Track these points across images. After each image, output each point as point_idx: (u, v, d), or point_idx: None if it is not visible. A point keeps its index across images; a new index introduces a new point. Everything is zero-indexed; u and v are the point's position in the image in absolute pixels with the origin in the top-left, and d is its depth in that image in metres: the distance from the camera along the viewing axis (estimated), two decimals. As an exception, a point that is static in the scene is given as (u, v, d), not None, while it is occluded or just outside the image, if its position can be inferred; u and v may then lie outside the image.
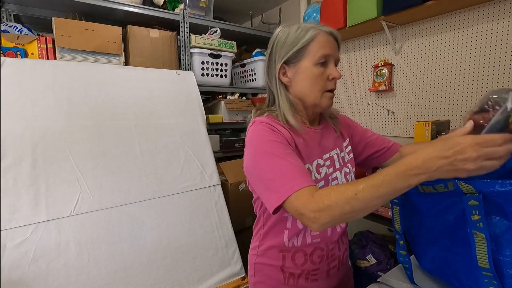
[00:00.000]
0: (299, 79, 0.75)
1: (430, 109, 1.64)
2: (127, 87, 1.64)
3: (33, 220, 1.20)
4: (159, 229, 1.44)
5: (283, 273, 0.77)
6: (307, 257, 0.76)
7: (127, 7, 1.78)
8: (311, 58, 0.73)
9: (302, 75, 0.74)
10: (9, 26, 1.60)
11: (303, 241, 0.76)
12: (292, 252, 0.76)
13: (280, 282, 0.78)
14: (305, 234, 0.76)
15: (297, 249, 0.76)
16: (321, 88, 0.74)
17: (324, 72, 0.73)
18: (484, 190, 0.55)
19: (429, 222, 0.73)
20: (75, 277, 1.20)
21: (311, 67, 0.73)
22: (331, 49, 0.73)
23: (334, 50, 0.74)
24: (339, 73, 0.74)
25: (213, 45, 2.05)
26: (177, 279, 1.41)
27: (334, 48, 0.74)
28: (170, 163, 1.60)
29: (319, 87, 0.74)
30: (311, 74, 0.73)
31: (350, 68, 2.05)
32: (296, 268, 0.77)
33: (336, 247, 0.80)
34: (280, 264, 0.77)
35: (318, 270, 0.78)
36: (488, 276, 0.57)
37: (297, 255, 0.77)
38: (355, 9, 1.71)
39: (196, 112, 1.83)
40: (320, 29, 0.73)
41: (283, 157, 0.65)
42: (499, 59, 1.36)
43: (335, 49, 0.75)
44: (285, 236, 0.77)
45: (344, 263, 0.85)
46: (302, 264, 0.77)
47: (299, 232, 0.76)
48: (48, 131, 1.35)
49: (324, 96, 0.75)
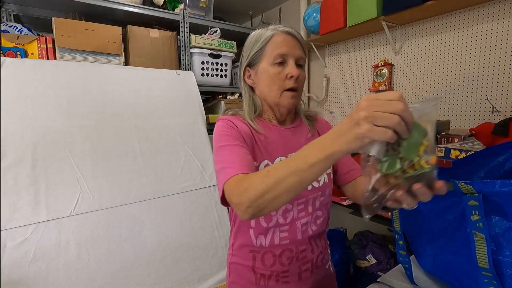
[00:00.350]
0: (260, 80, 0.76)
1: (430, 109, 1.64)
2: (127, 87, 1.64)
3: (33, 220, 1.21)
4: (159, 229, 1.44)
5: (254, 274, 0.76)
6: (276, 258, 0.75)
7: (127, 7, 1.78)
8: (268, 59, 0.74)
9: (261, 76, 0.76)
10: (9, 26, 1.60)
11: (271, 241, 0.75)
12: (262, 253, 0.76)
13: (252, 283, 0.77)
14: (273, 235, 0.74)
15: (266, 249, 0.75)
16: (278, 87, 0.73)
17: (282, 72, 0.73)
18: (484, 190, 0.55)
19: (428, 222, 0.73)
20: (75, 277, 1.21)
21: (268, 67, 0.73)
22: (288, 48, 0.73)
23: (293, 49, 0.73)
24: (297, 71, 0.72)
25: (213, 45, 2.05)
26: (177, 279, 1.41)
27: (293, 46, 0.73)
28: (170, 163, 1.60)
29: (276, 86, 0.73)
30: (268, 74, 0.74)
31: (350, 68, 2.05)
32: (266, 269, 0.76)
33: (308, 249, 0.78)
34: (251, 264, 0.77)
35: (288, 272, 0.76)
36: (488, 276, 0.57)
37: (266, 256, 0.75)
38: (355, 9, 1.71)
39: (196, 112, 1.83)
40: (277, 29, 0.74)
41: (230, 148, 0.67)
42: (499, 59, 1.36)
43: (294, 47, 0.73)
44: (251, 235, 0.76)
45: (319, 266, 0.81)
46: (271, 265, 0.75)
47: (266, 232, 0.74)
48: (48, 131, 1.35)
49: (284, 95, 0.74)
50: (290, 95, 0.74)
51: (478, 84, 1.44)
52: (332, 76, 2.18)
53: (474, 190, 0.56)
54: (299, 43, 0.75)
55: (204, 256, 1.51)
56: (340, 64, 2.12)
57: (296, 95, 0.75)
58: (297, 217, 0.75)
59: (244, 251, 0.78)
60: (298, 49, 0.74)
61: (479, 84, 1.44)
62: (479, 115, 1.44)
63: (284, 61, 0.73)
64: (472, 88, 1.46)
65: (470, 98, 1.47)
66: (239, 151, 0.66)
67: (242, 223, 0.77)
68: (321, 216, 0.79)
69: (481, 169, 0.78)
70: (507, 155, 0.73)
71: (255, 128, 0.76)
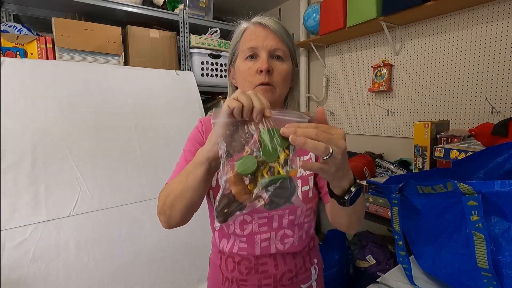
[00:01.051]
0: (237, 78, 0.72)
1: (429, 110, 1.64)
2: (127, 87, 1.64)
3: (32, 220, 1.20)
4: (159, 229, 1.44)
5: (221, 274, 0.76)
6: (235, 265, 0.73)
7: (127, 7, 1.78)
8: (241, 55, 0.69)
9: (237, 74, 0.71)
10: (8, 26, 1.60)
11: (230, 248, 0.73)
12: (226, 256, 0.75)
13: (219, 282, 0.77)
14: (234, 243, 0.72)
15: (227, 254, 0.74)
16: (249, 83, 0.67)
17: (252, 67, 0.66)
18: (484, 190, 0.55)
19: (428, 223, 0.73)
20: (75, 277, 1.20)
21: (241, 64, 0.69)
22: (258, 40, 0.66)
23: (264, 40, 0.66)
24: (266, 64, 0.64)
25: (213, 45, 2.06)
26: (177, 279, 1.41)
27: (265, 37, 0.66)
28: (170, 163, 1.59)
29: (247, 83, 0.67)
30: (240, 71, 0.69)
31: (350, 69, 2.05)
32: (228, 273, 0.74)
33: (270, 264, 0.72)
34: (219, 264, 0.77)
35: (247, 282, 0.73)
36: (488, 277, 0.57)
37: (228, 260, 0.74)
38: (354, 10, 1.71)
39: (196, 112, 1.83)
40: (250, 22, 0.70)
41: (184, 154, 0.70)
42: (498, 59, 1.36)
43: (266, 38, 0.66)
44: (216, 237, 0.76)
45: (286, 285, 0.73)
46: (232, 271, 0.74)
47: (228, 238, 0.73)
48: (48, 131, 1.35)
49: (256, 91, 0.66)
50: (261, 90, 0.66)
51: (478, 85, 1.44)
52: (331, 77, 2.18)
53: (474, 190, 0.56)
54: (273, 33, 0.67)
55: (204, 256, 1.50)
56: (339, 65, 2.12)
57: (270, 89, 0.66)
58: (257, 231, 0.69)
59: (215, 249, 0.79)
60: (271, 39, 0.66)
61: (478, 85, 1.44)
62: (479, 116, 1.44)
63: (256, 55, 0.67)
64: (472, 88, 1.46)
65: (470, 99, 1.47)
66: (189, 158, 0.66)
67: (211, 222, 0.78)
68: (291, 236, 0.71)
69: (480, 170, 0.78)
70: (506, 155, 0.73)
71: None
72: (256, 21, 0.68)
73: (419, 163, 1.37)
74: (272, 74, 0.66)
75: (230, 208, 0.45)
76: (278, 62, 0.67)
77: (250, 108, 0.45)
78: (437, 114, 1.60)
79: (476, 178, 0.78)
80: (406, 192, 0.78)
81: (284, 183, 0.42)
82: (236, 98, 0.46)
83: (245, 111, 0.45)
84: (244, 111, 0.45)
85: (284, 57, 0.68)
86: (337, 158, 0.42)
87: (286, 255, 0.74)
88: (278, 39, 0.67)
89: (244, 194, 0.43)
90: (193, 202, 0.57)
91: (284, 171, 0.42)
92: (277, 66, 0.67)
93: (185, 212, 0.58)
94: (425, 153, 1.35)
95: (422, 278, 0.78)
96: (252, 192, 0.43)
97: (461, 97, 1.50)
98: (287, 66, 0.69)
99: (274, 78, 0.66)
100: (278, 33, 0.67)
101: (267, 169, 0.43)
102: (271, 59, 0.66)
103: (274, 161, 0.42)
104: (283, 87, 0.69)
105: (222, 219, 0.46)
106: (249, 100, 0.45)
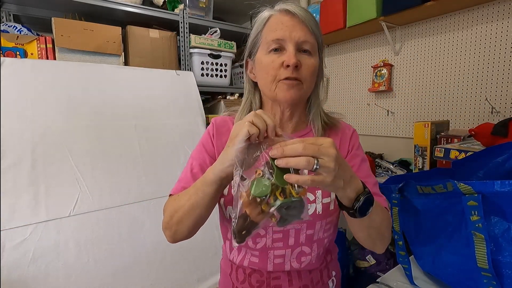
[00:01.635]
0: (257, 72, 0.65)
1: (429, 110, 1.64)
2: (126, 87, 1.64)
3: (32, 220, 1.20)
4: (159, 229, 1.43)
5: (232, 284, 0.72)
6: (246, 276, 0.69)
7: (127, 7, 1.78)
8: (263, 46, 0.62)
9: (257, 67, 0.64)
10: (8, 26, 1.60)
11: (241, 261, 0.69)
12: (236, 266, 0.71)
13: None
14: (245, 256, 0.68)
15: (238, 265, 0.70)
16: (272, 78, 0.60)
17: (277, 60, 0.59)
18: (483, 190, 0.55)
19: (428, 223, 0.73)
20: (75, 277, 1.20)
21: (263, 57, 0.61)
22: (285, 31, 0.58)
23: (291, 31, 0.58)
24: (294, 58, 0.57)
25: (213, 45, 2.05)
26: (176, 279, 1.41)
27: (292, 28, 0.59)
28: (170, 163, 1.60)
29: (270, 77, 0.60)
30: (262, 64, 0.61)
31: (350, 69, 2.05)
32: (238, 283, 0.70)
33: (283, 279, 0.67)
34: (229, 272, 0.73)
35: None
36: (487, 277, 0.57)
37: (239, 271, 0.70)
38: (354, 10, 1.71)
39: (196, 112, 1.83)
40: (275, 9, 0.62)
41: (191, 160, 0.67)
42: (498, 59, 1.36)
43: (293, 29, 0.58)
44: (227, 246, 0.73)
45: None
46: (242, 282, 0.69)
47: (240, 249, 0.69)
48: (48, 131, 1.35)
49: (278, 87, 0.60)
50: (285, 85, 0.59)
51: (478, 85, 1.44)
52: (332, 77, 2.18)
53: (474, 190, 0.56)
54: (302, 23, 0.59)
55: (204, 256, 1.51)
56: (339, 65, 2.12)
57: (296, 84, 0.59)
58: (271, 246, 0.64)
59: (225, 257, 0.76)
60: (299, 30, 0.59)
61: (478, 85, 1.44)
62: (479, 116, 1.44)
63: (281, 47, 0.59)
64: (472, 88, 1.46)
65: (470, 99, 1.47)
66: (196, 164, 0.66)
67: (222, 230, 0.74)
68: (308, 254, 0.65)
69: (480, 170, 0.78)
70: (506, 155, 0.73)
71: None
72: (282, 8, 0.60)
73: (419, 163, 1.37)
74: (300, 69, 0.59)
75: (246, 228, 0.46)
76: (306, 55, 0.60)
77: (264, 131, 0.47)
78: (437, 114, 1.60)
79: (476, 178, 0.78)
80: (406, 192, 0.78)
81: (296, 203, 0.44)
82: (252, 121, 0.46)
83: (261, 134, 0.47)
84: (260, 135, 0.47)
85: (312, 51, 0.61)
86: (329, 167, 0.41)
87: (302, 271, 0.68)
88: (307, 30, 0.59)
89: (259, 215, 0.45)
90: (202, 217, 0.57)
91: (296, 191, 0.44)
92: (305, 61, 0.60)
93: (193, 227, 0.58)
94: (425, 153, 1.35)
95: (422, 278, 0.78)
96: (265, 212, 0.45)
97: (461, 97, 1.50)
98: (315, 61, 0.62)
99: (302, 73, 0.60)
100: (308, 23, 0.59)
101: (280, 190, 0.44)
102: (298, 52, 0.59)
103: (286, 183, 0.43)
104: (310, 83, 0.63)
105: (240, 240, 0.47)
106: (263, 123, 0.47)
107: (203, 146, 0.69)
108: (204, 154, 0.67)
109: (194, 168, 0.66)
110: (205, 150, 0.68)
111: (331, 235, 0.69)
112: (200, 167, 0.65)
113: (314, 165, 0.41)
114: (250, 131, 0.45)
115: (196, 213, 0.55)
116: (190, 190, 0.56)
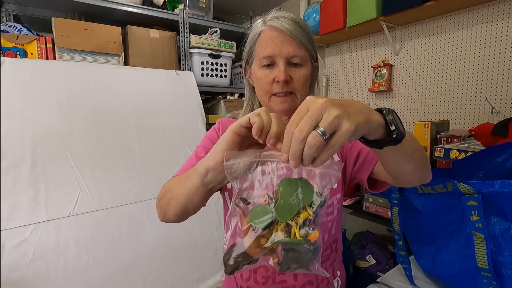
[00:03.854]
0: (254, 82, 0.70)
1: (429, 110, 1.64)
2: (126, 87, 1.64)
3: (32, 220, 1.20)
4: (159, 229, 1.44)
5: (236, 283, 0.72)
6: (251, 273, 0.69)
7: (127, 7, 1.78)
8: (257, 61, 0.66)
9: (254, 79, 0.69)
10: (8, 26, 1.60)
11: None
12: None
13: None
14: None
15: None
16: (265, 92, 0.65)
17: (269, 75, 0.63)
18: (483, 190, 0.55)
19: (428, 223, 0.73)
20: (75, 277, 1.20)
21: (257, 70, 0.66)
22: (275, 47, 0.62)
23: (282, 47, 0.61)
24: (284, 74, 0.61)
25: (212, 45, 2.05)
26: (176, 279, 1.41)
27: (281, 44, 0.62)
28: (170, 163, 1.60)
29: (263, 91, 0.65)
30: (256, 77, 0.66)
31: (350, 69, 2.05)
32: (242, 281, 0.70)
33: (289, 275, 0.68)
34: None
35: None
36: (487, 277, 0.57)
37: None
38: (354, 10, 1.71)
39: (196, 112, 1.83)
40: (266, 24, 0.64)
41: (196, 150, 0.68)
42: (498, 59, 1.36)
43: (283, 45, 0.61)
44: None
45: None
46: (247, 280, 0.70)
47: None
48: (48, 131, 1.35)
49: (272, 100, 0.65)
50: (278, 101, 0.64)
51: (478, 85, 1.44)
52: (331, 77, 2.18)
53: (474, 190, 0.56)
54: (290, 38, 0.62)
55: (204, 256, 1.51)
56: (339, 65, 2.12)
57: (288, 99, 0.64)
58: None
59: None
60: (288, 45, 0.62)
61: (478, 85, 1.44)
62: (479, 116, 1.44)
63: (273, 62, 0.63)
64: (472, 88, 1.46)
65: (470, 99, 1.47)
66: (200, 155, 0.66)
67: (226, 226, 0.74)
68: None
69: (480, 170, 0.78)
70: (506, 155, 0.73)
71: None
72: (271, 25, 0.63)
73: (419, 163, 1.37)
74: (291, 83, 0.63)
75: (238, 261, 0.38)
76: (297, 69, 0.64)
77: (268, 128, 0.40)
78: (437, 114, 1.60)
79: (476, 178, 0.78)
80: (406, 192, 0.78)
81: (299, 247, 0.35)
82: (258, 114, 0.41)
83: (264, 131, 0.40)
84: (263, 131, 0.40)
85: (302, 62, 0.64)
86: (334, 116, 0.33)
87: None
88: (295, 44, 0.62)
89: (256, 248, 0.36)
90: (187, 208, 0.54)
91: (303, 233, 0.34)
92: (296, 73, 0.64)
93: (180, 214, 0.56)
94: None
95: (422, 278, 0.78)
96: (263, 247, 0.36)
97: (461, 97, 1.50)
98: (306, 71, 0.65)
99: (294, 85, 0.64)
100: (296, 37, 0.62)
101: (284, 225, 0.35)
102: (289, 66, 0.63)
103: (292, 219, 0.35)
104: (303, 92, 0.66)
105: (229, 271, 0.39)
106: (269, 120, 0.41)
107: (208, 138, 0.71)
108: (209, 143, 0.70)
109: (198, 153, 0.68)
110: (210, 140, 0.70)
111: (335, 219, 0.68)
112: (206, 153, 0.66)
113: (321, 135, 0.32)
114: (252, 119, 0.40)
115: (182, 201, 0.53)
116: (183, 176, 0.55)
